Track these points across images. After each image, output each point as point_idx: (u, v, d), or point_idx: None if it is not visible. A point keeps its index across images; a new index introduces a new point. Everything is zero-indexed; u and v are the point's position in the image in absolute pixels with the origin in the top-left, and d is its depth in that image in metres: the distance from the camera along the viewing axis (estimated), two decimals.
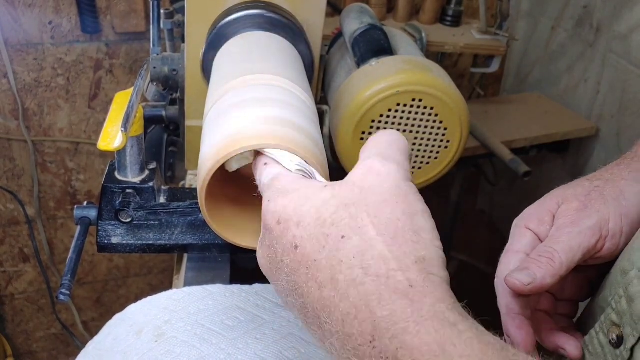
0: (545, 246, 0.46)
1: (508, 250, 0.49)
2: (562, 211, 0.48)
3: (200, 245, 0.63)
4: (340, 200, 0.34)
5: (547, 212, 0.49)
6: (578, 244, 0.45)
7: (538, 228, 0.49)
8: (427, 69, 0.70)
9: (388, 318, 0.30)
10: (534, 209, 0.50)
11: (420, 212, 0.34)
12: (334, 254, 0.32)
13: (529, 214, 0.50)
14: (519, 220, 0.51)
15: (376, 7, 1.20)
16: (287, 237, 0.34)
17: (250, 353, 0.52)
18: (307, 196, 0.35)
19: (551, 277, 0.44)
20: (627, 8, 1.19)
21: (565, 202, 0.49)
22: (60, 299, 0.54)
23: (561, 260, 0.44)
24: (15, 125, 1.31)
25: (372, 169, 0.35)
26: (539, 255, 0.45)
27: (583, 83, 1.36)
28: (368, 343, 0.30)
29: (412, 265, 0.31)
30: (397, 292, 0.30)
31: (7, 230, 1.46)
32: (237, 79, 0.50)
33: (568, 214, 0.47)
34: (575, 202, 0.48)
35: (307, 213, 0.34)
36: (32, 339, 1.66)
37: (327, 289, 0.32)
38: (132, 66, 1.33)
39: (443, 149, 0.72)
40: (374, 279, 0.31)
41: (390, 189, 0.34)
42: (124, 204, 0.60)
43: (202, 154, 0.45)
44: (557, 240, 0.46)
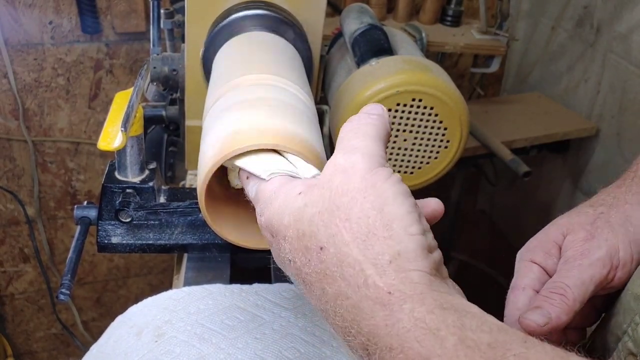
0: (555, 282, 0.44)
1: (515, 286, 0.47)
2: (569, 242, 0.46)
3: (200, 245, 0.63)
4: (313, 209, 0.34)
5: (552, 244, 0.47)
6: (590, 277, 0.43)
7: (545, 261, 0.47)
8: (427, 69, 0.70)
9: (373, 333, 0.30)
10: (538, 241, 0.48)
11: (391, 198, 0.33)
12: (319, 267, 0.33)
13: (533, 246, 0.48)
14: (523, 253, 0.49)
15: (376, 7, 1.20)
16: (282, 251, 0.35)
17: (250, 353, 0.52)
18: (285, 206, 0.35)
19: (566, 314, 0.42)
20: (627, 8, 1.19)
21: (570, 232, 0.47)
22: (60, 299, 0.54)
23: (574, 296, 0.43)
24: (16, 125, 1.31)
25: (336, 166, 0.35)
26: (551, 292, 0.43)
27: (583, 83, 1.36)
28: (366, 356, 0.31)
29: (388, 266, 0.31)
30: (377, 303, 0.30)
31: (7, 230, 1.46)
32: (237, 79, 0.50)
33: (575, 245, 0.45)
34: (582, 232, 0.46)
35: (288, 226, 0.34)
36: (32, 339, 1.66)
37: (322, 302, 0.33)
38: (132, 66, 1.33)
39: (443, 149, 0.72)
40: (355, 290, 0.31)
41: (355, 185, 0.33)
42: (124, 203, 0.60)
43: (202, 153, 0.45)
44: (568, 275, 0.44)
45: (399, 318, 0.29)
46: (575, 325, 0.48)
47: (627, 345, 0.42)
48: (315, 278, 0.33)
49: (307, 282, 0.34)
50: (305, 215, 0.34)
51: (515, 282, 0.47)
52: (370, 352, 0.30)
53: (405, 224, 0.32)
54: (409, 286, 0.30)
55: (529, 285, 0.46)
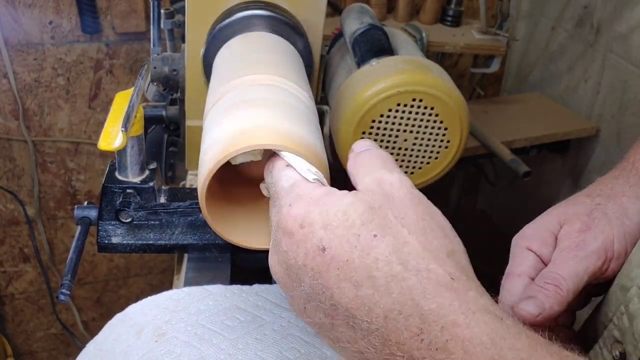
0: (550, 271, 0.45)
1: (510, 273, 0.48)
2: (565, 232, 0.47)
3: (200, 245, 0.63)
4: (366, 204, 0.34)
5: (549, 233, 0.48)
6: (584, 269, 0.44)
7: (540, 249, 0.47)
8: (427, 69, 0.70)
9: (436, 311, 0.30)
10: (535, 229, 0.49)
11: (436, 212, 0.36)
12: (367, 252, 0.32)
13: (529, 233, 0.49)
14: (519, 240, 0.49)
15: (376, 7, 1.20)
16: (311, 240, 0.34)
17: (250, 353, 0.52)
18: (332, 201, 0.35)
19: (559, 304, 0.43)
20: (627, 8, 1.19)
21: (567, 222, 0.47)
22: (61, 299, 0.54)
23: (568, 287, 0.44)
24: (16, 125, 1.31)
25: (382, 179, 0.36)
26: (545, 282, 0.44)
27: (583, 83, 1.36)
28: (415, 336, 0.30)
29: (447, 258, 0.32)
30: (441, 285, 0.31)
31: (7, 230, 1.46)
32: (237, 79, 0.50)
33: (572, 236, 0.46)
34: (578, 222, 0.47)
35: (334, 216, 0.34)
36: (32, 339, 1.66)
37: (364, 287, 0.32)
38: (132, 66, 1.33)
39: (443, 149, 0.72)
40: (414, 274, 0.31)
41: (406, 195, 0.35)
42: (124, 204, 0.60)
43: (202, 153, 0.44)
44: (563, 266, 0.45)
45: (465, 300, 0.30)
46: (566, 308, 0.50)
47: (612, 333, 0.43)
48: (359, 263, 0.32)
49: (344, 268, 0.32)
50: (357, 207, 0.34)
51: (511, 268, 0.48)
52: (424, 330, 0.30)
53: (454, 232, 0.35)
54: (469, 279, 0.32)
55: (525, 272, 0.47)
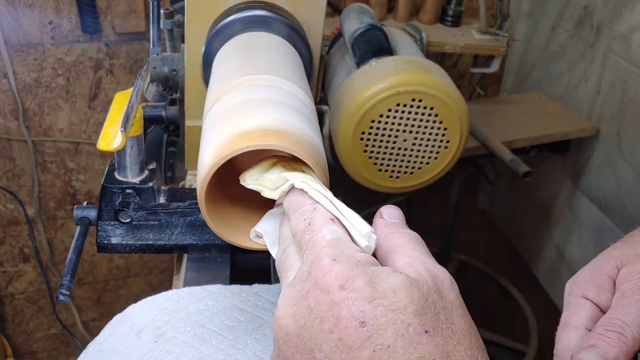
0: (612, 318, 0.41)
1: (566, 324, 0.44)
2: (625, 275, 0.43)
3: (200, 245, 0.63)
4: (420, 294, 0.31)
5: (606, 278, 0.44)
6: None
7: (598, 297, 0.43)
8: (427, 69, 0.70)
9: None
10: (589, 274, 0.45)
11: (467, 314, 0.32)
12: (414, 347, 0.29)
13: (584, 280, 0.45)
14: (573, 287, 0.46)
15: (376, 7, 1.20)
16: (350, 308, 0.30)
17: (250, 353, 0.52)
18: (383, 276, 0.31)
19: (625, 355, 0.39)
20: (627, 8, 1.19)
21: (626, 264, 0.44)
22: (60, 299, 0.54)
23: (633, 334, 0.39)
24: (15, 125, 1.31)
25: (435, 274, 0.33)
26: (607, 329, 0.40)
27: (583, 83, 1.36)
28: None
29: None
30: None
31: (7, 230, 1.46)
32: (236, 80, 0.50)
33: (632, 278, 0.42)
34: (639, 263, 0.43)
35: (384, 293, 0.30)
36: (32, 339, 1.66)
37: None
38: (132, 66, 1.33)
39: (443, 149, 0.72)
40: None
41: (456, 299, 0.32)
42: (123, 204, 0.60)
43: (201, 154, 0.44)
44: (626, 311, 0.40)
45: None
46: None
47: None
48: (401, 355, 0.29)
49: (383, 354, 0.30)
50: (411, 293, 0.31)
51: (567, 319, 0.44)
52: None
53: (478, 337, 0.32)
54: None
55: (582, 324, 0.43)
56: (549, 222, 1.52)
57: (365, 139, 0.70)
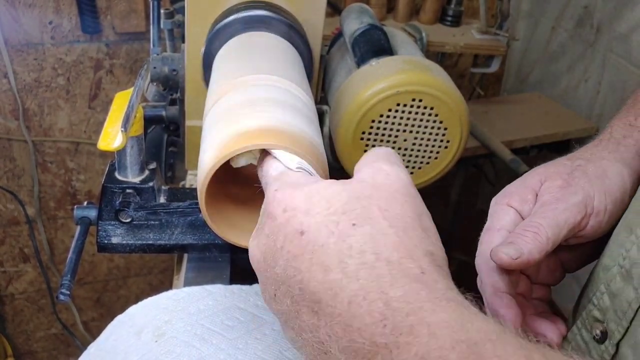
0: (530, 221, 0.45)
1: (489, 228, 0.48)
2: (546, 188, 0.47)
3: (200, 245, 0.63)
4: (351, 193, 0.34)
5: (529, 190, 0.48)
6: (564, 220, 0.44)
7: (521, 206, 0.48)
8: (427, 69, 0.70)
9: (402, 297, 0.30)
10: (515, 187, 0.49)
11: (425, 214, 0.35)
12: (343, 239, 0.32)
13: (510, 191, 0.49)
14: (499, 198, 0.49)
15: (376, 7, 1.20)
16: (292, 224, 0.34)
17: (250, 353, 0.52)
18: (317, 190, 0.35)
19: (538, 252, 0.43)
20: (628, 8, 1.19)
21: (548, 179, 0.48)
22: (60, 299, 0.54)
23: (547, 234, 0.43)
24: (16, 125, 1.31)
25: (381, 169, 0.36)
26: (525, 229, 0.44)
27: (583, 83, 1.36)
28: (378, 322, 0.30)
29: (423, 256, 0.32)
30: (410, 277, 0.31)
31: (7, 230, 1.46)
32: (237, 79, 0.50)
33: (552, 190, 0.47)
34: (559, 179, 0.47)
35: (317, 203, 0.34)
36: (32, 339, 1.66)
37: (333, 271, 0.32)
38: (132, 66, 1.33)
39: (443, 149, 0.72)
40: (385, 264, 0.31)
41: (398, 189, 0.35)
42: (124, 204, 0.60)
43: (201, 153, 0.45)
44: (543, 216, 0.45)
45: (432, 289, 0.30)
46: (542, 280, 0.50)
47: (592, 314, 0.44)
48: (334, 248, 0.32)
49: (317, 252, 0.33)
50: (341, 196, 0.34)
51: (490, 224, 0.48)
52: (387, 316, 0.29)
53: (437, 237, 0.35)
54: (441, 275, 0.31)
55: (504, 227, 0.47)
56: None
57: (366, 139, 0.70)
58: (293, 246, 0.34)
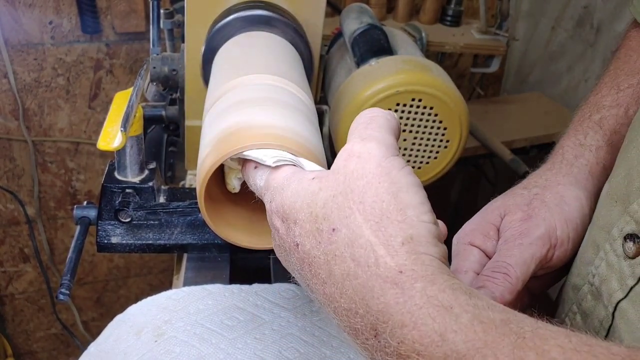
0: (497, 261, 0.44)
1: (456, 270, 0.46)
2: (507, 223, 0.46)
3: (200, 245, 0.63)
4: (327, 192, 0.34)
5: (490, 226, 0.47)
6: (531, 256, 0.44)
7: (484, 244, 0.47)
8: (427, 69, 0.70)
9: (383, 311, 0.30)
10: (476, 224, 0.48)
11: (405, 187, 0.33)
12: (328, 249, 0.33)
13: (470, 229, 0.48)
14: (461, 237, 0.48)
15: (376, 7, 1.20)
16: (290, 235, 0.35)
17: (250, 353, 0.52)
18: (298, 191, 0.35)
19: (510, 293, 0.42)
20: (627, 8, 1.19)
21: (508, 213, 0.47)
22: (60, 299, 0.54)
23: (517, 274, 0.43)
24: (16, 125, 1.31)
25: (352, 152, 0.35)
26: (494, 271, 0.43)
27: (583, 83, 1.36)
28: (373, 337, 0.30)
29: (400, 247, 0.31)
30: (388, 281, 0.30)
31: (7, 230, 1.46)
32: (236, 79, 0.50)
33: (514, 225, 0.46)
34: (519, 212, 0.46)
35: (300, 209, 0.34)
36: (32, 339, 1.66)
37: (327, 285, 0.32)
38: (132, 66, 1.33)
39: (443, 148, 0.72)
40: (365, 270, 0.31)
41: (371, 170, 0.33)
42: (123, 203, 0.60)
43: (201, 153, 0.45)
44: (509, 254, 0.44)
45: (410, 295, 0.29)
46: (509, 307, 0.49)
47: None
48: (323, 260, 0.33)
49: (313, 264, 0.33)
50: (319, 198, 0.34)
51: (456, 266, 0.47)
52: (379, 332, 0.30)
53: (419, 211, 0.33)
54: (421, 267, 0.30)
55: (470, 268, 0.46)
56: None
57: None
58: (295, 259, 0.35)
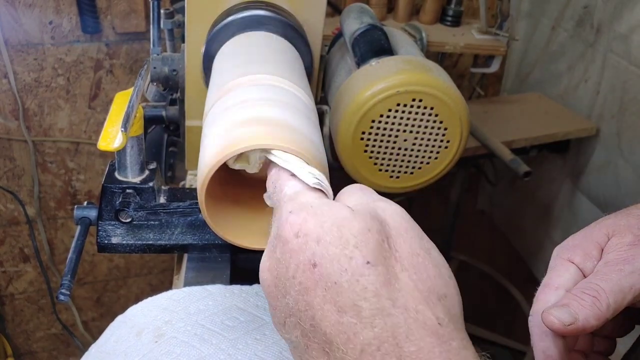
0: (590, 282, 0.40)
1: (547, 284, 0.44)
2: (613, 245, 0.42)
3: (200, 245, 0.63)
4: (362, 223, 0.32)
5: (594, 245, 0.43)
6: (630, 285, 0.39)
7: (584, 263, 0.43)
8: (427, 69, 0.70)
9: (415, 354, 0.29)
10: (579, 240, 0.45)
11: (433, 247, 0.33)
12: (357, 279, 0.31)
13: (573, 244, 0.45)
14: (560, 251, 0.45)
15: (376, 7, 1.20)
16: (305, 253, 0.32)
17: (250, 353, 0.52)
18: (329, 213, 0.33)
19: (596, 319, 0.39)
20: (627, 8, 1.19)
21: (616, 234, 0.43)
22: (60, 299, 0.54)
23: (608, 301, 0.39)
24: (16, 125, 1.31)
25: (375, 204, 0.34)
26: (583, 292, 0.40)
27: (583, 83, 1.36)
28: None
29: (437, 302, 0.31)
30: (426, 329, 0.29)
31: (7, 230, 1.46)
32: (236, 79, 0.50)
33: (620, 248, 0.42)
34: (630, 235, 0.42)
35: (329, 231, 0.32)
36: (32, 339, 1.66)
37: (347, 314, 0.30)
38: (132, 66, 1.33)
39: (443, 149, 0.72)
40: (402, 312, 0.30)
41: (401, 224, 0.33)
42: (123, 204, 0.60)
43: (201, 154, 0.45)
44: (606, 278, 0.40)
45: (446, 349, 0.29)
46: (605, 333, 0.45)
47: None
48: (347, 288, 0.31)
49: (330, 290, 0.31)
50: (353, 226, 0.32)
51: (549, 280, 0.44)
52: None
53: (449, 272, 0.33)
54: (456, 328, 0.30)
55: (563, 285, 0.43)
56: (549, 222, 1.52)
57: (365, 139, 0.70)
58: (305, 278, 0.32)
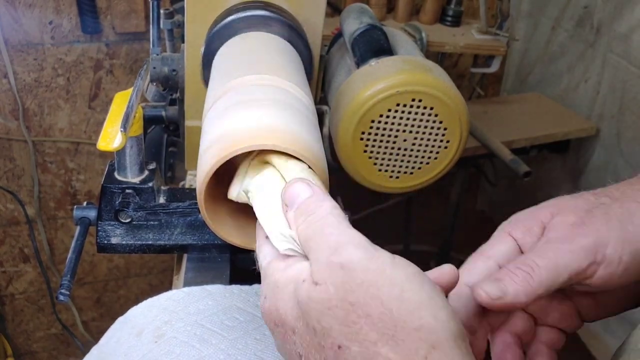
0: (526, 258, 0.39)
1: (479, 252, 0.43)
2: (555, 223, 0.41)
3: (200, 245, 0.63)
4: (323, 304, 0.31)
5: (537, 222, 0.42)
6: (565, 264, 0.38)
7: (523, 238, 0.42)
8: (427, 69, 0.70)
9: None
10: (524, 216, 0.44)
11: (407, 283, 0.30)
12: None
13: (516, 219, 0.44)
14: (505, 225, 0.44)
15: (376, 7, 1.20)
16: (289, 343, 0.32)
17: (250, 353, 0.52)
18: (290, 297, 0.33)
19: (526, 295, 0.37)
20: (627, 8, 1.19)
21: (561, 213, 0.42)
22: (60, 299, 0.54)
23: (541, 277, 0.38)
24: (15, 125, 1.31)
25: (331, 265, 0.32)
26: (517, 267, 0.39)
27: (583, 83, 1.36)
28: None
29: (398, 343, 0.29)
30: None
31: (7, 230, 1.46)
32: (236, 80, 0.50)
33: (561, 227, 0.41)
34: (573, 215, 0.41)
35: (296, 320, 0.32)
36: (32, 339, 1.66)
37: None
38: (132, 66, 1.33)
39: (443, 149, 0.72)
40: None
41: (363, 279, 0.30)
42: (123, 204, 0.60)
43: (201, 154, 0.44)
44: (542, 255, 0.39)
45: None
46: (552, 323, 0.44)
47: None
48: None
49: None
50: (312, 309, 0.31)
51: (483, 248, 0.43)
52: None
53: (434, 309, 0.30)
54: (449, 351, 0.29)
55: (494, 256, 0.42)
56: None
57: (365, 139, 0.70)
58: None
